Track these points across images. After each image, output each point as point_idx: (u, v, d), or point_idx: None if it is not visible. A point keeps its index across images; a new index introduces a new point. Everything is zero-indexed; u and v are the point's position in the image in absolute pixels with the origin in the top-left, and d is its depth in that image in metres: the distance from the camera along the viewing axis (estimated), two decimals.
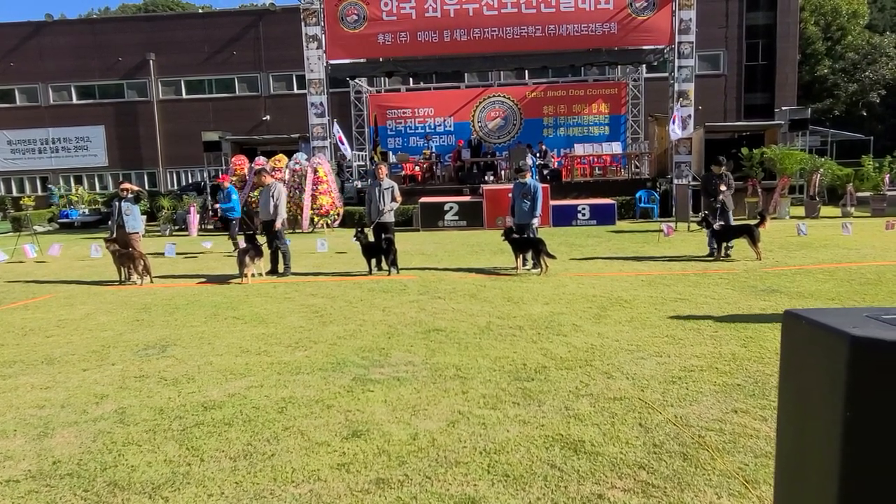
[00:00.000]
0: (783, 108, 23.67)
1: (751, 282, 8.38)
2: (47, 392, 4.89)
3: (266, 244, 10.49)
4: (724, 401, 4.23)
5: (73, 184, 31.62)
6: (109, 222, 11.11)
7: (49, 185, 29.92)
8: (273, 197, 10.36)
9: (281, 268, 10.38)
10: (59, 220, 23.48)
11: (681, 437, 3.71)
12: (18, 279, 10.84)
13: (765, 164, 18.41)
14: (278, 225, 10.33)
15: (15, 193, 32.61)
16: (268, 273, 10.29)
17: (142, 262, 9.83)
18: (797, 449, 1.73)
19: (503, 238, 9.97)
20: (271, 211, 10.36)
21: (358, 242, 10.17)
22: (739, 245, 10.85)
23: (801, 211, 18.17)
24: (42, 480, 3.45)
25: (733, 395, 4.34)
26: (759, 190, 17.85)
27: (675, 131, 18.76)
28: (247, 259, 9.68)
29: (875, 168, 19.26)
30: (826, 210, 18.30)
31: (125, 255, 9.88)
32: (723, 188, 10.70)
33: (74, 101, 33.00)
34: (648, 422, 3.94)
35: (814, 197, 18.34)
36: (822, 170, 18.66)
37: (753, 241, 10.22)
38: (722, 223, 10.62)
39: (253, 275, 9.90)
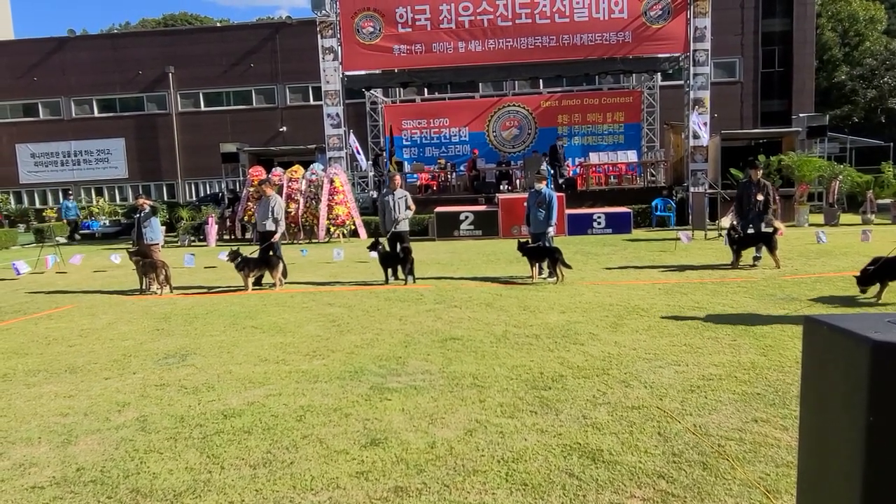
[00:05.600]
0: (800, 115, 23.44)
1: (769, 290, 8.30)
2: (70, 400, 4.97)
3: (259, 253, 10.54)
4: (743, 410, 4.19)
5: (94, 196, 32.19)
6: (132, 234, 11.36)
7: (64, 201, 26.97)
8: (273, 210, 10.46)
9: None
10: (81, 232, 23.88)
11: (700, 446, 3.68)
12: (42, 289, 11.03)
13: (783, 172, 18.24)
14: (277, 237, 10.43)
15: (38, 205, 33.24)
16: (271, 285, 10.29)
17: (163, 272, 9.99)
18: (819, 454, 1.72)
19: (521, 253, 9.93)
20: (268, 222, 10.46)
21: (375, 253, 10.24)
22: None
23: (820, 218, 17.95)
24: (66, 487, 3.51)
25: (753, 404, 4.30)
26: (777, 198, 17.69)
27: (702, 136, 18.72)
28: (245, 270, 9.94)
29: (895, 174, 19.00)
30: (845, 217, 18.07)
31: (149, 264, 10.06)
32: (759, 197, 10.23)
33: (96, 114, 33.65)
34: (667, 431, 3.91)
35: (833, 204, 18.14)
36: (840, 177, 18.46)
37: (771, 249, 10.10)
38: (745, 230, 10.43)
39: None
